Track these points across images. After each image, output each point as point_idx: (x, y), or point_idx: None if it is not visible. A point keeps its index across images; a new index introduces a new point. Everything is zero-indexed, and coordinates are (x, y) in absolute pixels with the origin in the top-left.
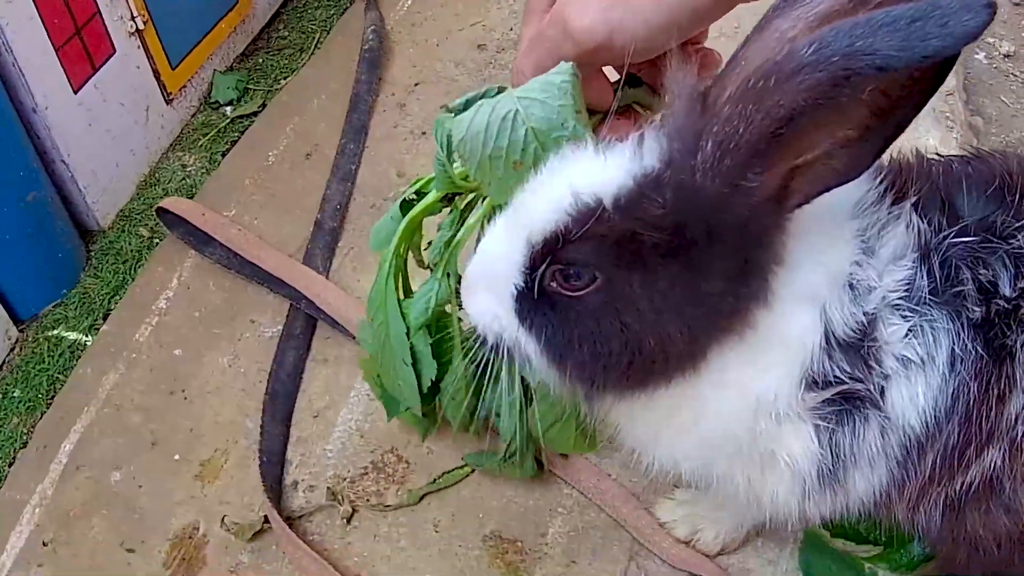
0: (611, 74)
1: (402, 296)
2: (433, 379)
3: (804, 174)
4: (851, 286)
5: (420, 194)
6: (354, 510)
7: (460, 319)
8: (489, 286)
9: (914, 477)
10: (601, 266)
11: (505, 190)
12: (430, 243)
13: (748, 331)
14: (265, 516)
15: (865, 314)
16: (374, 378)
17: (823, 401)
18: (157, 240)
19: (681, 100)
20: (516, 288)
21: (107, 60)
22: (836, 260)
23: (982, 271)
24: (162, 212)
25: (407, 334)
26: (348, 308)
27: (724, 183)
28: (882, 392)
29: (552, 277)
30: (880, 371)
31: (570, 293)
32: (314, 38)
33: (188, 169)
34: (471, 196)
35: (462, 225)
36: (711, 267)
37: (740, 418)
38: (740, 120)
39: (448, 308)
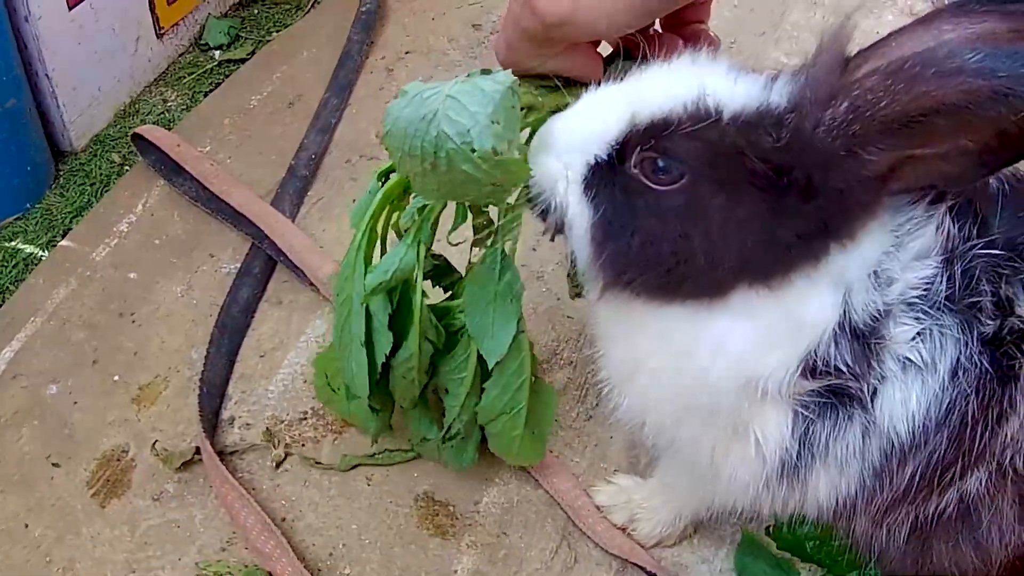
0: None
1: None
2: (387, 356)
3: (916, 166)
4: (876, 274)
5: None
6: (287, 455)
7: (424, 294)
8: (565, 149)
9: (887, 488)
10: (695, 169)
11: (426, 190)
12: None
13: (782, 290)
14: (196, 447)
15: (883, 305)
16: (322, 377)
17: (812, 390)
18: (127, 168)
19: (825, 57)
20: (596, 159)
21: None
22: (872, 248)
23: (1002, 287)
24: (137, 139)
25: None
26: (310, 254)
27: (843, 146)
28: (874, 393)
29: (641, 161)
30: (879, 371)
31: (651, 184)
32: None
33: (168, 104)
34: None
35: None
36: (793, 217)
37: (728, 379)
38: (885, 94)
39: (412, 279)
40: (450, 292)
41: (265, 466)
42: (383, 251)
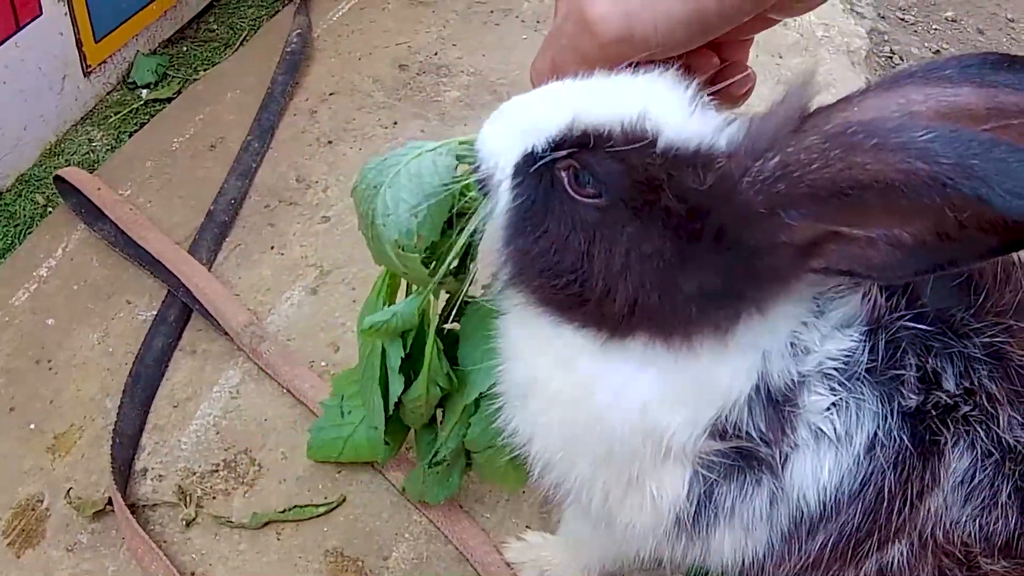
0: None
1: None
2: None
3: (840, 246)
4: (792, 344)
5: None
6: (197, 514)
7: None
8: (512, 129)
9: (796, 555)
10: (612, 190)
11: (374, 254)
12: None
13: (683, 350)
14: (109, 498)
15: (799, 374)
16: (338, 397)
17: (718, 451)
18: (51, 209)
19: (782, 108)
20: (531, 149)
21: (32, 21)
22: (787, 320)
23: (929, 360)
24: (59, 180)
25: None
26: (225, 302)
27: (764, 203)
28: (785, 460)
29: (565, 166)
30: (792, 439)
31: (571, 191)
32: (241, 35)
33: (94, 144)
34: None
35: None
36: (700, 268)
37: (626, 425)
38: (819, 158)
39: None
40: None
41: (176, 518)
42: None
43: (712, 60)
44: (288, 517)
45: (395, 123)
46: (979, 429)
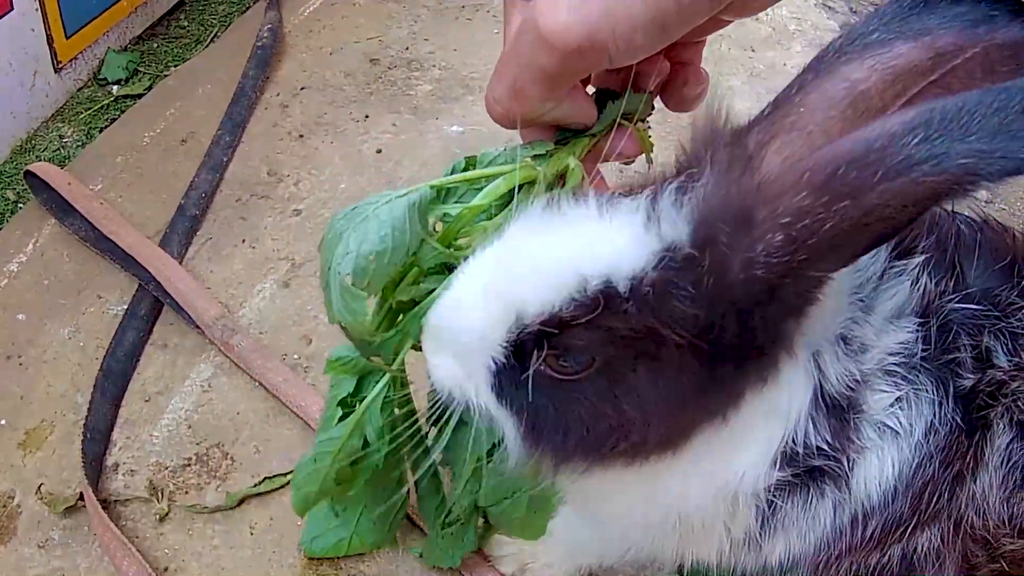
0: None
1: None
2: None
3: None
4: (845, 341)
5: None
6: (170, 508)
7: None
8: (460, 353)
9: (839, 544)
10: (604, 353)
11: (328, 309)
12: None
13: (732, 415)
14: (81, 494)
15: (860, 373)
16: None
17: (781, 478)
18: (22, 205)
19: (718, 160)
20: (495, 363)
21: (2, 17)
22: (828, 315)
23: (983, 339)
24: (30, 176)
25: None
26: (196, 297)
27: (783, 275)
28: (852, 466)
29: (543, 359)
30: (857, 444)
31: (561, 376)
32: (212, 31)
33: (65, 140)
34: None
35: None
36: (728, 355)
37: (700, 502)
38: (826, 215)
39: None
40: None
41: (149, 513)
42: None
43: (663, 65)
44: (261, 489)
45: (367, 117)
46: (1020, 405)
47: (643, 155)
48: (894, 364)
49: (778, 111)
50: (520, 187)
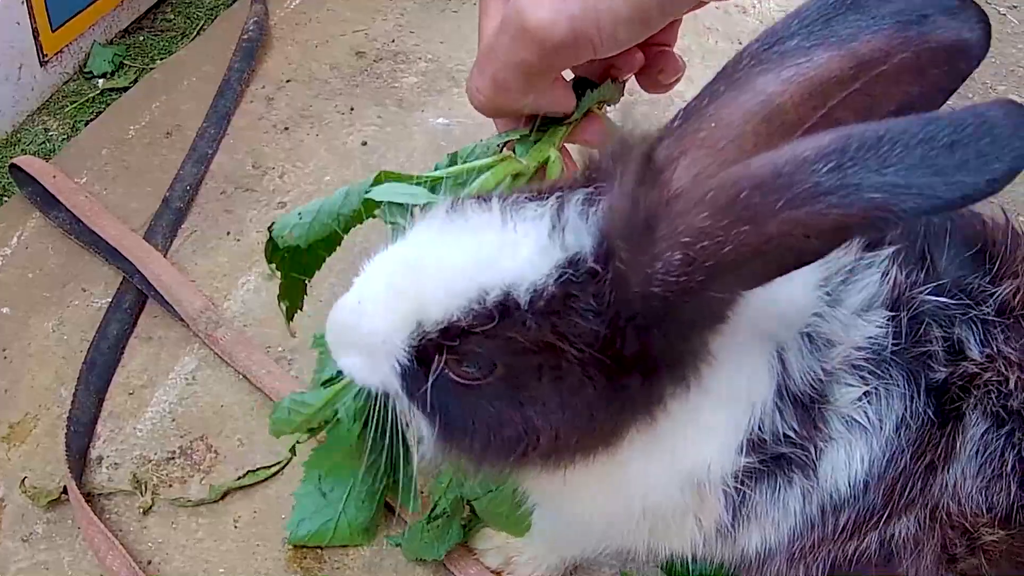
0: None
1: None
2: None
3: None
4: (811, 338)
5: None
6: (153, 501)
7: None
8: (364, 354)
9: (814, 534)
10: (505, 362)
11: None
12: None
13: (665, 411)
14: (64, 487)
15: (823, 371)
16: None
17: (749, 463)
18: (7, 198)
19: (627, 174)
20: (399, 364)
21: None
22: (793, 310)
23: (954, 330)
24: (14, 170)
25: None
26: (181, 288)
27: (681, 293)
28: (819, 455)
29: (445, 363)
30: (824, 433)
31: (464, 381)
32: (198, 25)
33: (50, 134)
34: None
35: None
36: (632, 368)
37: (663, 492)
38: (726, 238)
39: None
40: None
41: (133, 507)
42: None
43: (638, 56)
44: (245, 482)
45: (352, 109)
46: (993, 396)
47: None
48: (861, 359)
49: (688, 123)
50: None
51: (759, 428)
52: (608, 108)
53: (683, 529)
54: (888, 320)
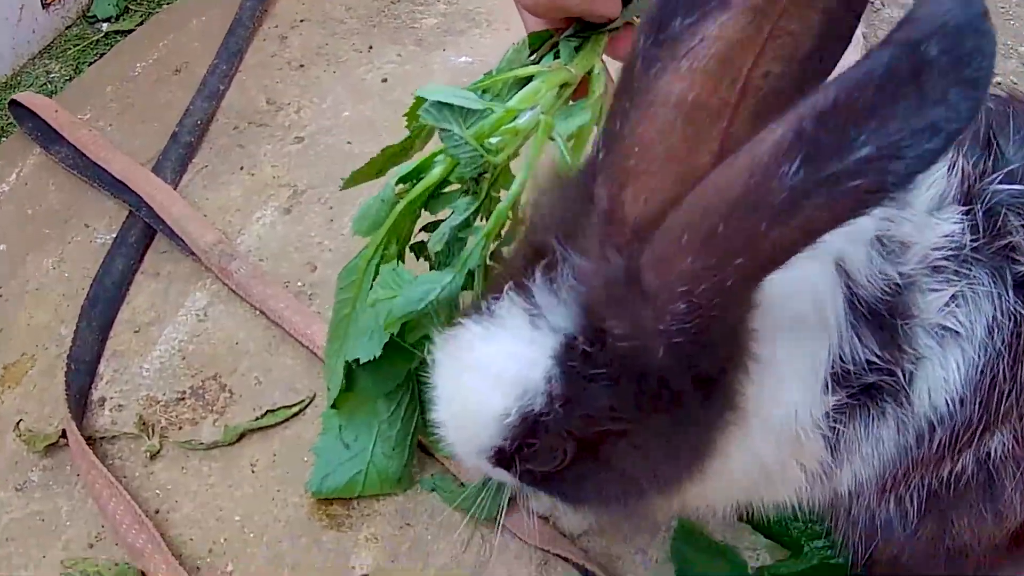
0: None
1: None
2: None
3: None
4: (883, 243)
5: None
6: (162, 445)
7: None
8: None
9: (905, 461)
10: (567, 447)
11: None
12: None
13: (743, 397)
14: (63, 431)
15: (900, 276)
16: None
17: (838, 400)
18: (4, 139)
19: (573, 232)
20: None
21: None
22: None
23: None
24: (14, 106)
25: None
26: (191, 222)
27: (706, 326)
28: (910, 379)
29: (524, 467)
30: (912, 353)
31: (547, 471)
32: None
33: (52, 76)
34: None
35: (485, 211)
36: (684, 397)
37: (765, 455)
38: (723, 274)
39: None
40: None
41: (138, 451)
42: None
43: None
44: (263, 423)
45: (370, 48)
46: None
47: None
48: (942, 259)
49: (612, 155)
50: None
51: (840, 358)
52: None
53: (789, 479)
54: (963, 215)
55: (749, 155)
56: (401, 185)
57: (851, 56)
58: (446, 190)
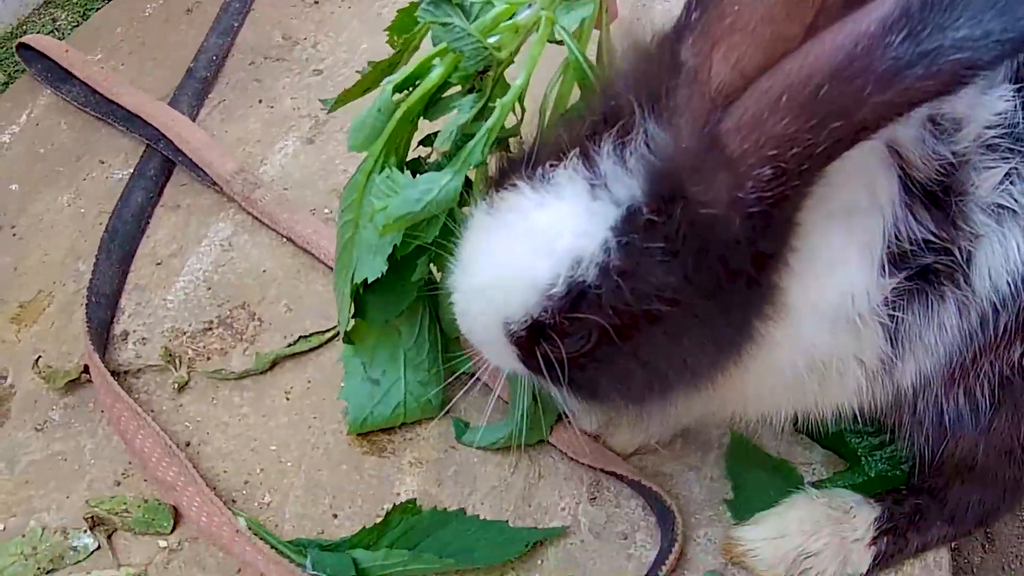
0: None
1: None
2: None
3: None
4: (933, 121)
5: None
6: (189, 376)
7: None
8: (487, 350)
9: (970, 348)
10: (600, 329)
11: None
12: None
13: (790, 270)
14: (85, 367)
15: (954, 155)
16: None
17: (897, 284)
18: (12, 85)
19: (658, 93)
20: (516, 356)
21: None
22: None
23: None
24: (23, 49)
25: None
26: (210, 151)
27: (781, 202)
28: (968, 259)
29: (548, 350)
30: (968, 231)
31: (574, 355)
32: None
33: (58, 23)
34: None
35: (488, 108)
36: (738, 271)
37: (820, 342)
38: (817, 139)
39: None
40: None
41: (165, 383)
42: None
43: None
44: (296, 349)
45: None
46: None
47: None
48: (995, 137)
49: (708, 13)
50: None
51: (895, 238)
52: None
53: (847, 377)
54: (1015, 93)
55: (856, 26)
56: (398, 94)
57: None
58: (445, 95)
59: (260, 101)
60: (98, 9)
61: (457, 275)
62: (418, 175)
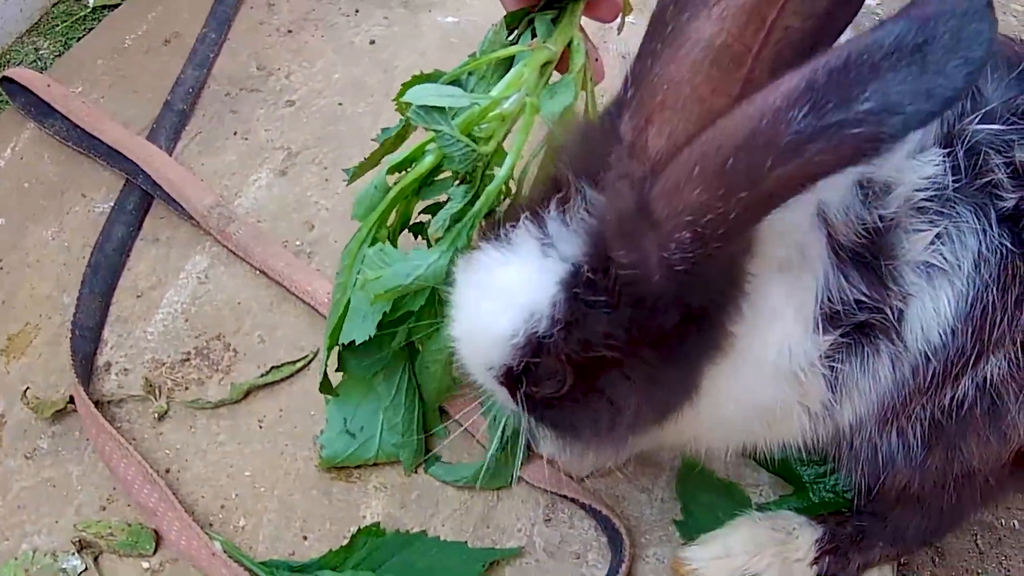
0: None
1: None
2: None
3: None
4: (861, 186)
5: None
6: (169, 406)
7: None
8: (480, 383)
9: (900, 393)
10: (567, 372)
11: None
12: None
13: (736, 327)
14: (71, 396)
15: (881, 219)
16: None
17: (833, 340)
18: None
19: (596, 162)
20: (508, 397)
21: None
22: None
23: (1015, 154)
24: (6, 83)
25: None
26: (188, 185)
27: (705, 260)
28: (899, 317)
29: (527, 390)
30: (899, 291)
31: (549, 396)
32: None
33: (41, 52)
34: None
35: (477, 197)
36: (681, 326)
37: (762, 391)
38: (727, 206)
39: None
40: None
41: (146, 413)
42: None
43: None
44: (269, 379)
45: (357, 11)
46: None
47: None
48: (925, 200)
49: (641, 91)
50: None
51: (828, 299)
52: None
53: (792, 419)
54: (944, 157)
55: (763, 100)
56: (395, 173)
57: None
58: (438, 177)
59: (235, 133)
60: (79, 39)
61: (450, 325)
62: (409, 252)
